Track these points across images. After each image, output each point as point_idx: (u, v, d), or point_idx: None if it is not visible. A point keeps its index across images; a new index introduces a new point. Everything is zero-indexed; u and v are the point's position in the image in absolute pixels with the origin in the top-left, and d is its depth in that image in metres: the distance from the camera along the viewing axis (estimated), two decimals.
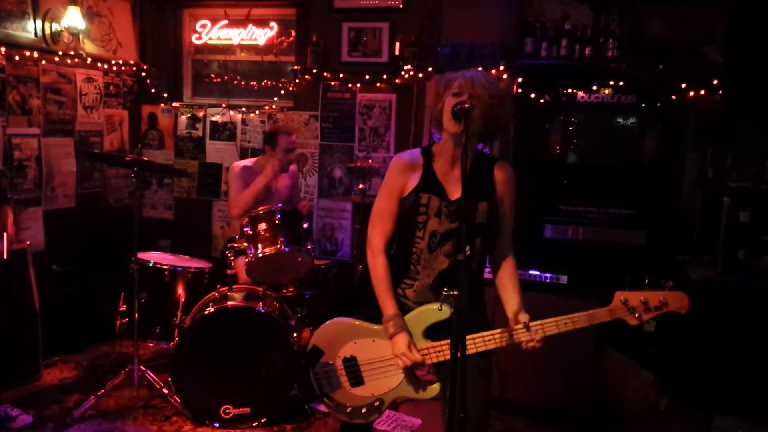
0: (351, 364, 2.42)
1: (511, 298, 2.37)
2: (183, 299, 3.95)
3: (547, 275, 3.86)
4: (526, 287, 3.73)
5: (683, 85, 4.30)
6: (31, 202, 4.68)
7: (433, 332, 2.34)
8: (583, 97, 4.40)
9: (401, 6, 5.08)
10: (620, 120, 4.53)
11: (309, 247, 3.77)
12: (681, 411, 3.78)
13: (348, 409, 2.43)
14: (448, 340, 2.24)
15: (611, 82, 4.37)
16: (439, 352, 2.31)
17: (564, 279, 3.83)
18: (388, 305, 2.35)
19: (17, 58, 4.52)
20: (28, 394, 3.88)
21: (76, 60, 5.00)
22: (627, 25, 4.38)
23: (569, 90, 4.43)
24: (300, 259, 3.76)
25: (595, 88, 4.39)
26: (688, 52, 4.31)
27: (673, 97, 4.34)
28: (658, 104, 4.35)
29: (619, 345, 3.93)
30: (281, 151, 4.20)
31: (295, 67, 5.40)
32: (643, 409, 3.80)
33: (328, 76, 5.29)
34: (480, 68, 2.32)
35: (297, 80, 5.41)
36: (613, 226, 4.30)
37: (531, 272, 3.87)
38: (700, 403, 3.78)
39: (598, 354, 3.76)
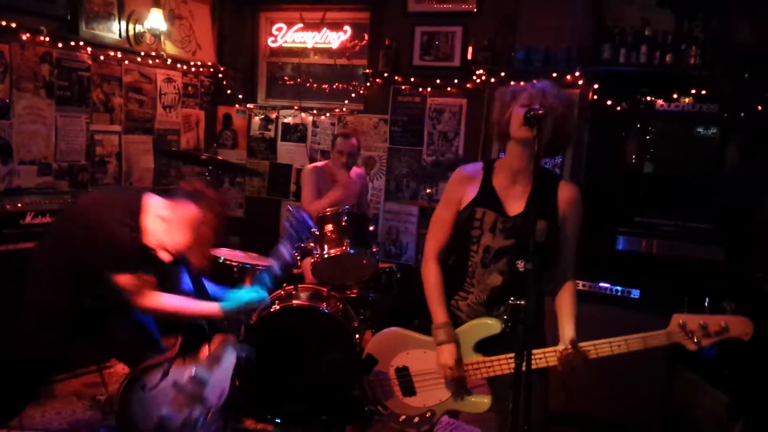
0: (403, 374, 2.44)
1: (567, 327, 2.28)
2: None
3: (618, 288, 3.74)
4: (594, 300, 3.64)
5: None
6: None
7: (484, 347, 2.30)
8: (662, 106, 4.26)
9: (475, 10, 5.04)
10: (701, 130, 4.36)
11: (374, 249, 3.78)
12: None
13: (401, 418, 2.44)
14: (499, 356, 2.24)
15: (693, 91, 4.21)
16: (489, 367, 2.28)
17: (636, 293, 3.70)
18: (438, 313, 2.33)
19: (102, 57, 4.72)
20: (99, 380, 4.02)
21: (157, 61, 5.18)
22: (711, 31, 4.21)
23: (648, 98, 4.30)
24: (364, 261, 3.77)
25: (675, 96, 4.24)
26: None
27: (759, 107, 4.13)
28: (742, 114, 4.17)
29: (692, 364, 3.77)
30: (335, 152, 4.25)
31: (367, 71, 5.43)
32: (715, 431, 3.63)
33: (399, 79, 5.29)
34: (547, 81, 2.25)
35: (368, 83, 5.44)
36: (689, 240, 4.13)
37: (601, 284, 3.75)
38: None
39: (670, 371, 3.62)
